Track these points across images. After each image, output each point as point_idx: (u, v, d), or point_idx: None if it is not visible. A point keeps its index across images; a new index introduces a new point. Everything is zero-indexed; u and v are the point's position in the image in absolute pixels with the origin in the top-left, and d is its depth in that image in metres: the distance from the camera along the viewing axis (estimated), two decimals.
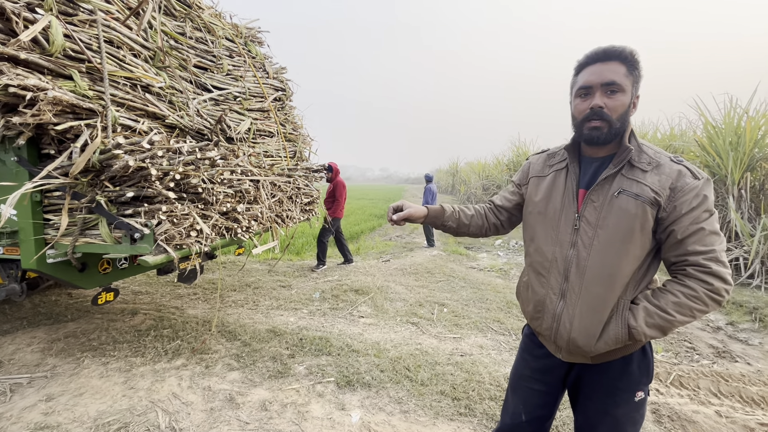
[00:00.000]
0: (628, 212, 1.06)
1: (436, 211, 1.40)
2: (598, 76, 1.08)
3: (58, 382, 2.47)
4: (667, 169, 1.07)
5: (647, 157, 1.10)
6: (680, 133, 8.57)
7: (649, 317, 1.05)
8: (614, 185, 1.10)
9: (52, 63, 1.92)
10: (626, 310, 1.09)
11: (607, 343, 1.10)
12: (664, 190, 1.04)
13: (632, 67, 1.07)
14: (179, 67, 2.86)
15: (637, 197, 1.06)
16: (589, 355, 1.15)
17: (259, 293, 4.51)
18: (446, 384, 2.58)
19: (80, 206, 2.04)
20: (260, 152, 3.42)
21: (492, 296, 4.65)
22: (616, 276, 1.08)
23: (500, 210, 1.46)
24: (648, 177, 1.07)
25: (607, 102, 1.07)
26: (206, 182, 2.37)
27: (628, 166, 1.10)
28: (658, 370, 2.94)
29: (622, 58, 1.07)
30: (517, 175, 1.43)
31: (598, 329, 1.11)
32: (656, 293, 1.08)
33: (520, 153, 15.04)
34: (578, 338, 1.13)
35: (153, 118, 2.45)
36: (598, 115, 1.08)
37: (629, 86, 1.07)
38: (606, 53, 1.08)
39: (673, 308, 1.03)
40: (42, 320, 3.45)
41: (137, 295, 4.30)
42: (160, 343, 3.00)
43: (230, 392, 2.42)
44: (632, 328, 1.07)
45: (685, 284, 1.03)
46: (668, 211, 1.04)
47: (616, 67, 1.07)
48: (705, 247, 1.02)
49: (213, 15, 3.55)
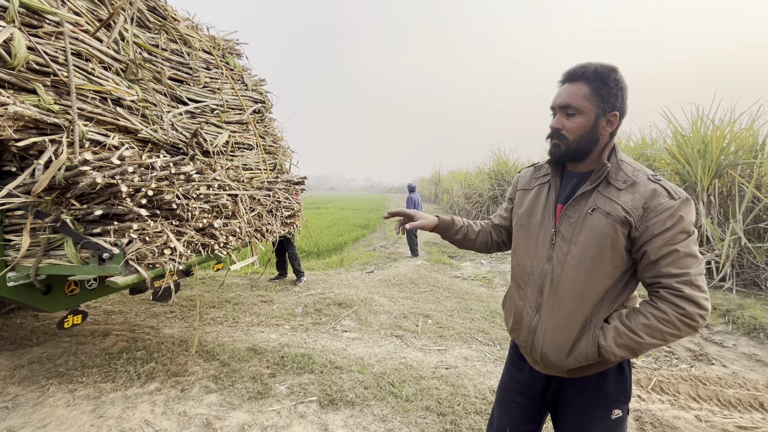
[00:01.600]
0: (598, 230, 1.06)
1: (446, 223, 1.44)
2: (557, 98, 1.12)
3: (20, 413, 2.31)
4: (641, 188, 1.05)
5: (624, 175, 1.09)
6: (651, 141, 8.90)
7: (618, 337, 1.04)
8: (589, 202, 1.10)
9: (14, 77, 1.83)
10: (598, 328, 1.08)
11: (577, 359, 1.10)
12: (637, 210, 1.03)
13: (597, 86, 1.06)
14: (153, 79, 2.79)
15: (608, 215, 1.05)
16: (560, 369, 1.15)
17: (239, 309, 4.38)
18: (431, 399, 2.54)
19: (44, 225, 1.94)
20: (239, 165, 3.35)
21: (476, 306, 4.66)
22: (587, 293, 1.08)
23: (499, 229, 1.49)
24: (621, 195, 1.06)
25: (566, 123, 1.10)
26: (181, 198, 2.30)
27: (604, 183, 1.09)
28: (639, 376, 2.98)
29: (585, 77, 1.07)
30: (509, 192, 1.45)
31: (567, 345, 1.11)
32: (630, 314, 1.07)
33: (500, 162, 15.31)
34: (549, 352, 1.14)
35: (125, 132, 2.37)
36: (555, 135, 1.13)
37: (590, 107, 1.07)
38: (571, 74, 1.10)
39: (643, 330, 1.01)
40: (4, 345, 3.24)
41: (109, 315, 4.10)
42: (132, 367, 2.86)
43: (207, 417, 2.31)
44: (602, 347, 1.06)
45: (657, 307, 1.01)
46: (640, 231, 1.03)
47: (578, 88, 1.08)
48: (679, 269, 0.99)
49: (189, 27, 3.49)
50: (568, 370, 1.15)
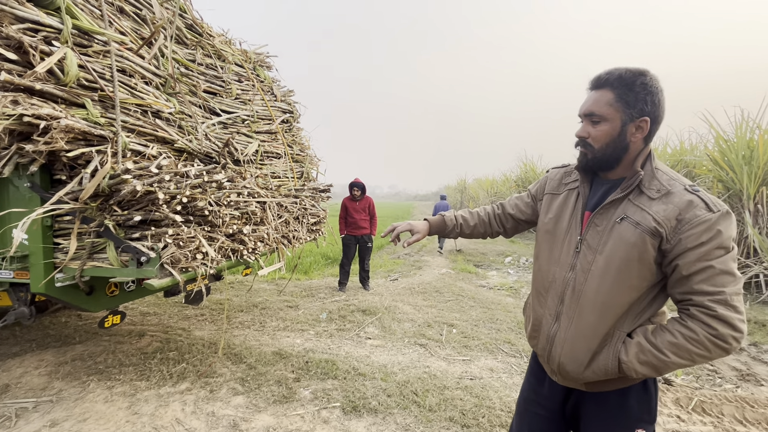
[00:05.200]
0: (626, 240, 1.02)
1: (438, 226, 1.47)
2: (583, 106, 1.10)
3: (63, 406, 2.45)
4: (676, 199, 0.99)
5: (658, 183, 1.04)
6: (691, 147, 8.47)
7: (641, 354, 0.99)
8: (618, 210, 1.06)
9: (66, 92, 1.99)
10: (620, 342, 1.04)
11: (595, 373, 1.06)
12: (669, 221, 0.98)
13: (622, 92, 1.03)
14: (189, 92, 2.94)
15: (637, 225, 1.01)
16: (578, 381, 1.11)
17: (266, 314, 4.48)
18: (455, 410, 2.50)
19: (89, 230, 2.07)
20: (267, 174, 3.46)
21: (502, 316, 4.55)
22: (610, 305, 1.04)
23: (508, 218, 1.46)
24: (654, 205, 1.01)
25: (591, 131, 1.08)
26: (213, 205, 2.40)
27: (636, 192, 1.05)
28: (679, 395, 2.81)
29: (609, 84, 1.04)
30: (534, 188, 1.41)
31: (586, 357, 1.07)
32: (656, 330, 1.02)
33: (527, 169, 15.00)
34: (567, 363, 1.10)
35: (162, 142, 2.50)
36: (581, 144, 1.11)
37: (614, 113, 1.04)
38: (596, 81, 1.08)
39: (669, 348, 0.96)
40: (51, 342, 3.46)
41: (145, 317, 4.30)
42: (165, 366, 2.98)
43: (234, 418, 2.37)
44: (622, 362, 1.02)
45: (687, 325, 0.96)
46: (672, 243, 0.97)
47: (602, 95, 1.05)
48: (713, 287, 0.93)
49: (223, 42, 3.66)
50: (586, 383, 1.11)
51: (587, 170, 1.16)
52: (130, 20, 2.61)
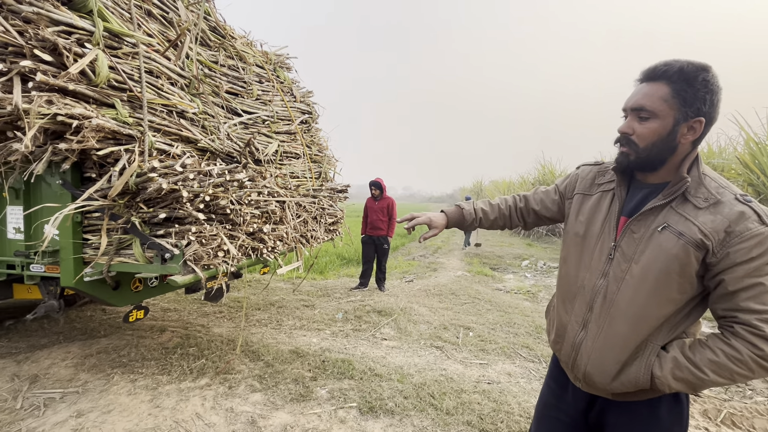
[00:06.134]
0: (667, 251, 0.95)
1: (456, 219, 1.41)
2: (630, 99, 1.01)
3: (89, 398, 2.52)
4: (726, 209, 0.92)
5: (706, 191, 0.96)
6: (719, 150, 8.19)
7: (678, 370, 0.94)
8: (659, 218, 0.99)
9: (97, 93, 2.05)
10: (653, 355, 0.98)
11: (624, 385, 1.01)
12: (717, 233, 0.91)
13: (680, 87, 0.93)
14: (212, 93, 3.00)
15: (680, 236, 0.94)
16: (604, 391, 1.07)
17: (282, 312, 4.52)
18: (473, 414, 2.46)
19: (117, 227, 2.13)
20: (286, 173, 3.49)
21: (520, 320, 4.48)
22: (644, 316, 0.98)
23: (531, 212, 1.39)
24: (700, 215, 0.94)
25: (637, 128, 0.98)
26: (234, 203, 2.43)
27: (680, 199, 0.97)
28: (707, 407, 2.70)
29: (667, 77, 0.94)
30: (563, 184, 1.32)
31: (614, 368, 1.02)
32: (694, 346, 0.96)
33: (546, 172, 14.76)
34: (593, 373, 1.06)
35: (186, 142, 2.56)
36: (624, 141, 1.01)
37: (668, 110, 0.94)
38: (651, 72, 0.98)
39: (709, 367, 0.91)
40: (77, 335, 3.58)
41: (166, 312, 4.40)
42: (185, 362, 3.03)
43: (252, 415, 2.39)
44: (656, 377, 0.97)
45: (730, 343, 0.90)
46: (719, 257, 0.91)
47: (656, 89, 0.95)
48: (762, 305, 0.87)
49: (245, 43, 3.73)
50: (613, 393, 1.07)
51: (626, 171, 1.08)
52: (157, 23, 2.68)
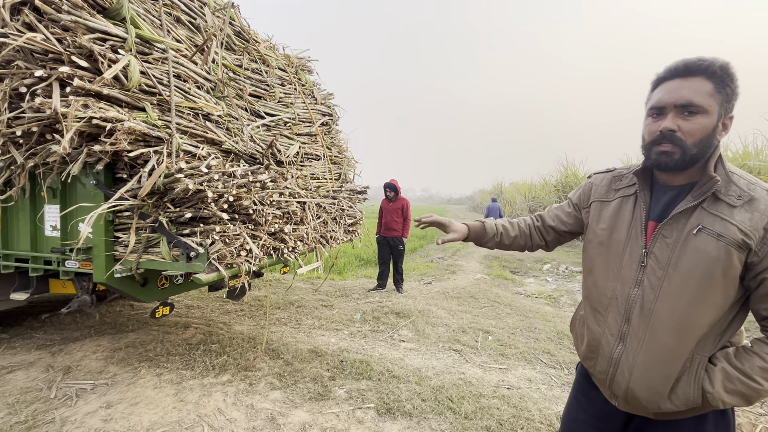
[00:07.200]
0: (707, 254, 0.91)
1: (477, 232, 1.38)
2: (672, 95, 0.94)
3: (117, 390, 2.63)
4: (762, 205, 0.89)
5: (737, 189, 0.93)
6: (755, 151, 7.80)
7: (729, 382, 0.90)
8: (692, 220, 0.95)
9: (129, 97, 2.14)
10: (701, 369, 0.93)
11: (676, 405, 0.95)
12: (757, 231, 0.88)
13: (722, 83, 0.91)
14: (236, 96, 3.07)
15: (719, 237, 0.90)
16: (648, 411, 1.00)
17: (301, 312, 4.58)
18: (492, 419, 2.42)
19: (145, 226, 2.21)
20: (307, 175, 3.54)
21: (541, 325, 4.38)
22: (689, 325, 0.93)
23: (549, 230, 1.35)
24: (736, 214, 0.90)
25: (683, 124, 0.93)
26: (257, 204, 2.49)
27: (711, 199, 0.94)
28: (740, 420, 2.57)
29: (709, 73, 0.91)
30: (576, 195, 1.28)
31: (665, 386, 0.95)
32: (740, 353, 0.92)
33: (568, 174, 14.40)
34: (638, 391, 0.99)
35: (211, 143, 2.63)
36: (668, 139, 0.94)
37: (714, 106, 0.92)
38: (688, 67, 0.94)
39: (761, 375, 0.87)
40: (107, 329, 3.73)
41: (189, 309, 4.53)
42: (208, 358, 3.12)
43: (272, 412, 2.43)
44: (708, 392, 0.92)
45: None
46: (760, 255, 0.88)
47: (699, 84, 0.92)
48: None
49: (268, 47, 3.80)
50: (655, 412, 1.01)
51: (674, 171, 1.00)
52: (185, 28, 2.77)
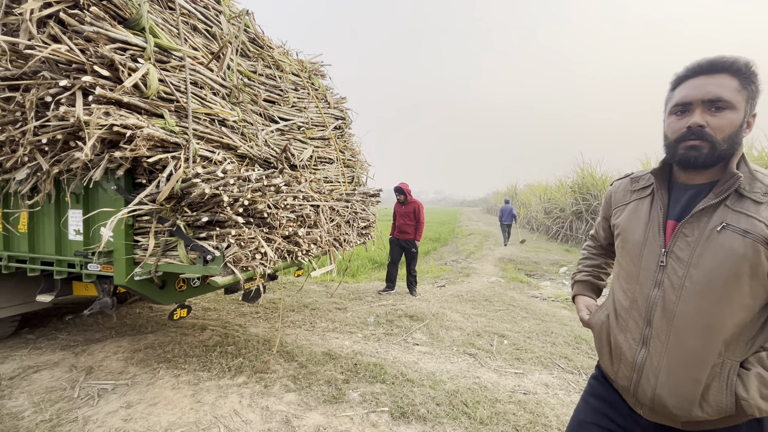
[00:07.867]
0: (733, 252, 0.89)
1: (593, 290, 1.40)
2: (699, 91, 0.94)
3: (137, 390, 2.68)
4: None
5: (762, 186, 0.92)
6: None
7: (765, 388, 0.86)
8: (715, 218, 0.93)
9: (148, 104, 2.19)
10: (733, 374, 0.90)
11: (707, 413, 0.91)
12: None
13: (747, 80, 0.92)
14: (251, 101, 3.12)
15: (746, 234, 0.88)
16: (676, 419, 0.95)
17: (316, 314, 4.61)
18: (508, 424, 2.39)
19: (164, 230, 2.26)
20: (321, 178, 3.57)
21: (558, 329, 4.30)
22: (717, 327, 0.90)
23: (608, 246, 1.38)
24: (763, 210, 0.89)
25: (711, 120, 0.93)
26: (271, 207, 2.51)
27: (735, 197, 0.93)
28: None
29: (734, 70, 0.92)
30: (603, 208, 1.32)
31: (694, 391, 0.91)
32: None
33: (585, 175, 14.13)
34: (666, 397, 0.95)
35: (227, 148, 2.68)
36: (697, 134, 0.94)
37: (741, 102, 0.92)
38: (712, 65, 0.94)
39: None
40: (127, 331, 3.82)
41: (206, 312, 4.61)
42: (224, 360, 3.16)
43: (287, 414, 2.45)
44: (742, 399, 0.88)
45: None
46: None
47: (725, 81, 0.92)
48: None
49: (281, 53, 3.86)
50: (685, 421, 0.95)
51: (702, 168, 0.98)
52: (201, 36, 2.83)
